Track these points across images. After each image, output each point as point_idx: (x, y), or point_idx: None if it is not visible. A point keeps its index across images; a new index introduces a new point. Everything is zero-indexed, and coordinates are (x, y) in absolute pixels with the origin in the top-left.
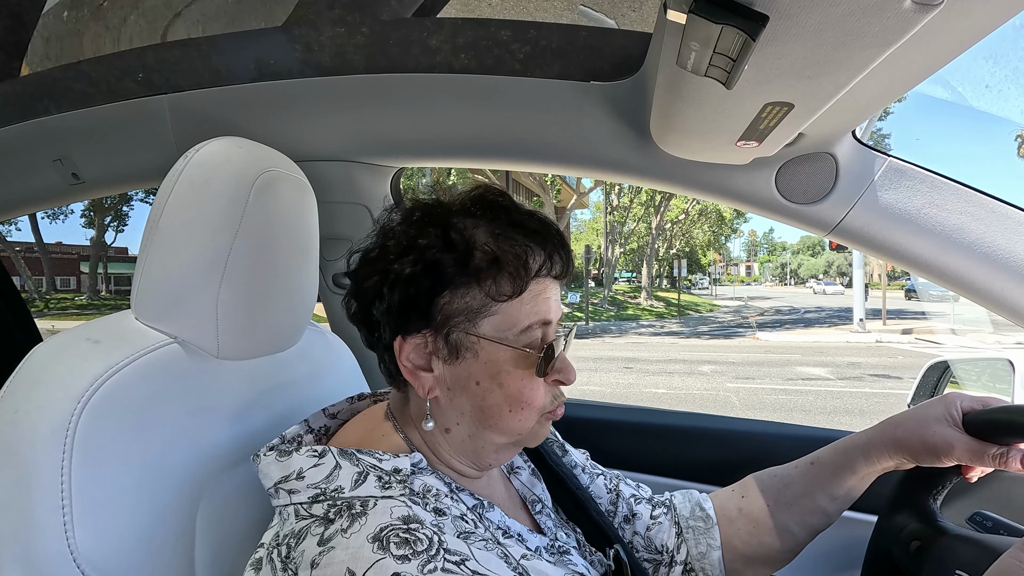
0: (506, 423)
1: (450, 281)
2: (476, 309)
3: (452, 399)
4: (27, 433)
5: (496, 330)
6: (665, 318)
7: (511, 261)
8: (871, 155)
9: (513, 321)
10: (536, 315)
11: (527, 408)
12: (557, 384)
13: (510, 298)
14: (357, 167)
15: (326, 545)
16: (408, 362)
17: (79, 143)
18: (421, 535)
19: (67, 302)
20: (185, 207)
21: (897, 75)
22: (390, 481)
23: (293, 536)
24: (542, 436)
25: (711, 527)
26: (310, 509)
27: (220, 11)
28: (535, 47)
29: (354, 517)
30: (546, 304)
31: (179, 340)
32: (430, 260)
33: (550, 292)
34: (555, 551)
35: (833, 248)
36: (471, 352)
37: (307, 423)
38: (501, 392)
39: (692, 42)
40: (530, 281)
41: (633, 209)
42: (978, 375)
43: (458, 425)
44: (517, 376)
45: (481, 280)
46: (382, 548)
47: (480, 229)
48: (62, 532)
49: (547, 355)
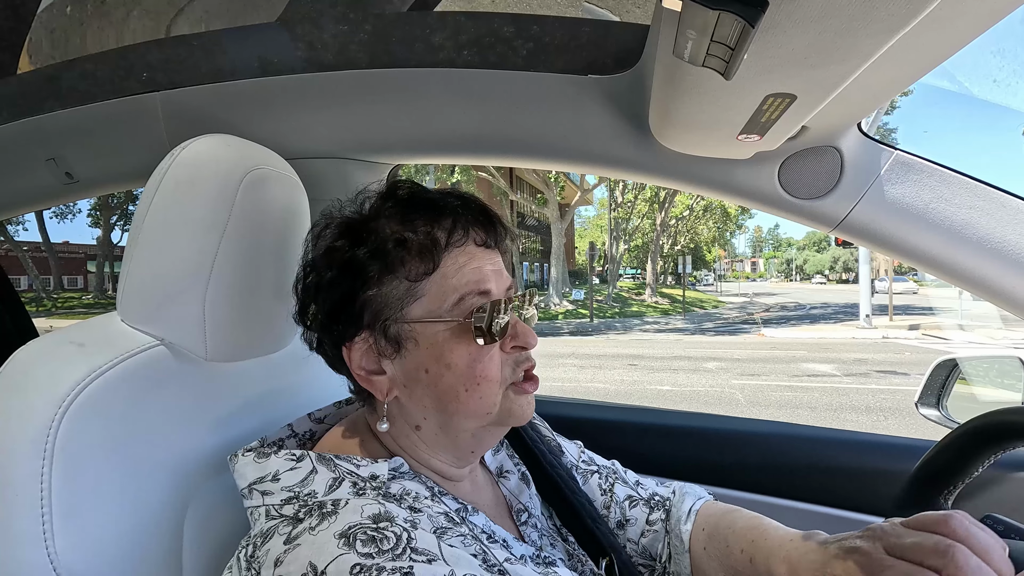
0: (466, 404)
1: (368, 276)
2: (401, 296)
3: (411, 395)
4: (6, 439)
5: (427, 311)
6: (670, 315)
7: (418, 238)
8: (877, 148)
9: (442, 296)
10: (466, 286)
11: (484, 382)
12: (517, 350)
13: (428, 275)
14: (352, 164)
15: (292, 543)
16: (360, 369)
17: (72, 142)
18: (389, 533)
19: (74, 301)
20: (171, 206)
21: (903, 64)
22: (364, 488)
23: (260, 535)
24: (524, 413)
25: (682, 553)
26: (280, 510)
27: (223, 8)
28: (535, 41)
29: (324, 516)
30: (477, 273)
31: (166, 342)
32: (343, 260)
33: (479, 261)
34: (541, 562)
35: (839, 244)
36: (411, 341)
37: (291, 427)
38: (451, 373)
39: (689, 30)
40: (443, 254)
41: (637, 205)
42: (987, 373)
43: (425, 420)
44: (462, 352)
45: (395, 267)
46: (348, 545)
47: (390, 221)
48: (41, 540)
49: (488, 321)
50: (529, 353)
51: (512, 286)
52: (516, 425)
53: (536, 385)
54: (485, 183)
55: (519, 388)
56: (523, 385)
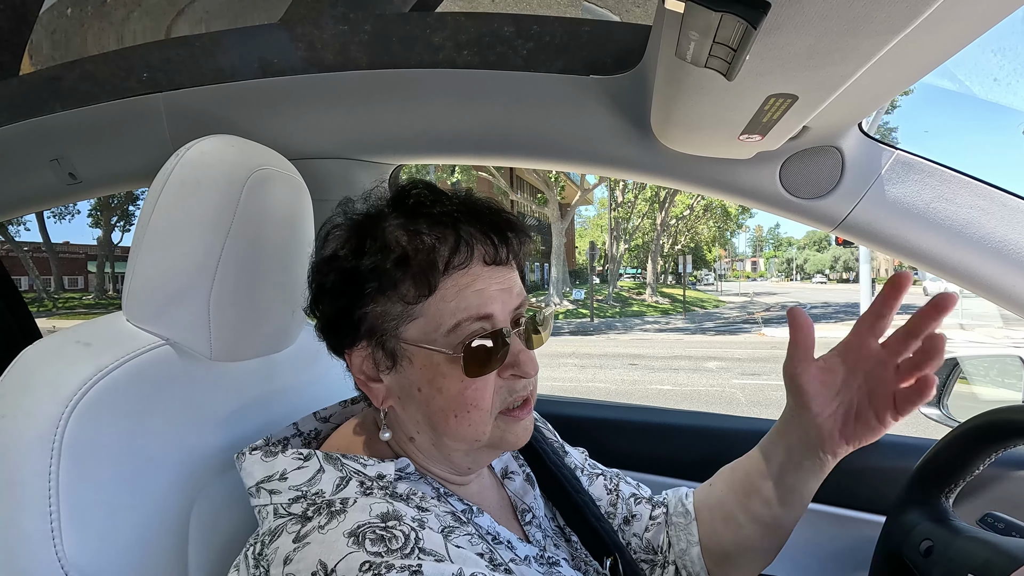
0: (455, 430)
1: (365, 293)
2: (396, 315)
3: (404, 408)
4: (13, 438)
5: (423, 333)
6: (670, 314)
7: (420, 259)
8: (878, 148)
9: (437, 320)
10: (464, 311)
11: (474, 410)
12: (515, 379)
13: (425, 297)
14: (355, 164)
15: (301, 541)
16: (360, 373)
17: (75, 142)
18: (398, 532)
19: (75, 301)
20: (176, 207)
21: (904, 65)
22: (372, 487)
23: (268, 534)
24: (517, 439)
25: (690, 522)
26: (288, 508)
27: (223, 8)
28: (536, 42)
29: (333, 515)
30: (479, 297)
31: (171, 342)
32: (345, 270)
33: (484, 283)
34: (544, 562)
35: (840, 243)
36: (406, 359)
37: (296, 426)
38: (442, 397)
39: (691, 31)
40: (440, 278)
41: (638, 205)
42: (987, 372)
43: (419, 434)
44: (455, 378)
45: (392, 286)
46: (357, 543)
47: (395, 231)
48: (49, 538)
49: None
50: (527, 381)
51: (523, 303)
52: (509, 450)
53: (529, 411)
54: (486, 183)
55: (509, 416)
56: (514, 413)
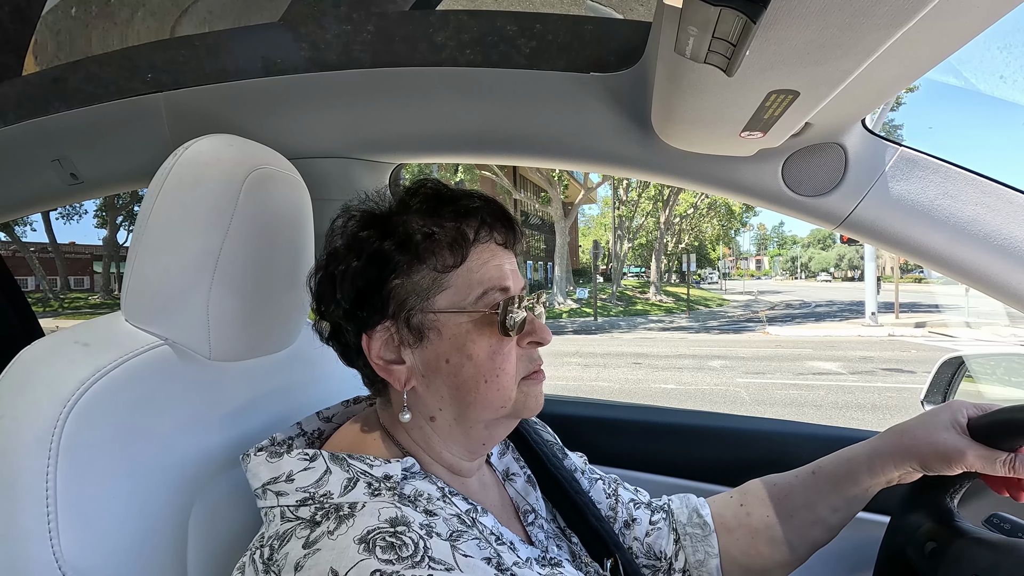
0: (484, 395)
1: (395, 265)
2: (427, 287)
3: (429, 385)
4: (11, 439)
5: (452, 302)
6: (674, 313)
7: (447, 233)
8: (882, 145)
9: (467, 289)
10: (489, 280)
11: (502, 375)
12: (533, 346)
13: (456, 267)
14: (355, 164)
15: (311, 547)
16: (379, 359)
17: (77, 143)
18: (407, 539)
19: (80, 301)
20: (174, 206)
21: (908, 60)
22: (379, 488)
23: (277, 538)
24: (537, 403)
25: (708, 535)
26: (296, 512)
27: (227, 8)
28: (538, 39)
29: (341, 519)
30: (498, 270)
31: (170, 342)
32: (372, 251)
33: (500, 259)
34: (546, 563)
35: (844, 241)
36: (434, 331)
37: (300, 426)
38: (472, 364)
39: (690, 26)
40: (470, 248)
41: (641, 204)
42: (993, 370)
43: (441, 411)
44: (484, 343)
45: (424, 257)
46: (368, 550)
47: (417, 216)
48: (47, 539)
49: (509, 316)
50: (539, 352)
51: (524, 287)
52: (528, 417)
53: (543, 376)
54: (489, 182)
55: (531, 379)
56: (534, 376)
